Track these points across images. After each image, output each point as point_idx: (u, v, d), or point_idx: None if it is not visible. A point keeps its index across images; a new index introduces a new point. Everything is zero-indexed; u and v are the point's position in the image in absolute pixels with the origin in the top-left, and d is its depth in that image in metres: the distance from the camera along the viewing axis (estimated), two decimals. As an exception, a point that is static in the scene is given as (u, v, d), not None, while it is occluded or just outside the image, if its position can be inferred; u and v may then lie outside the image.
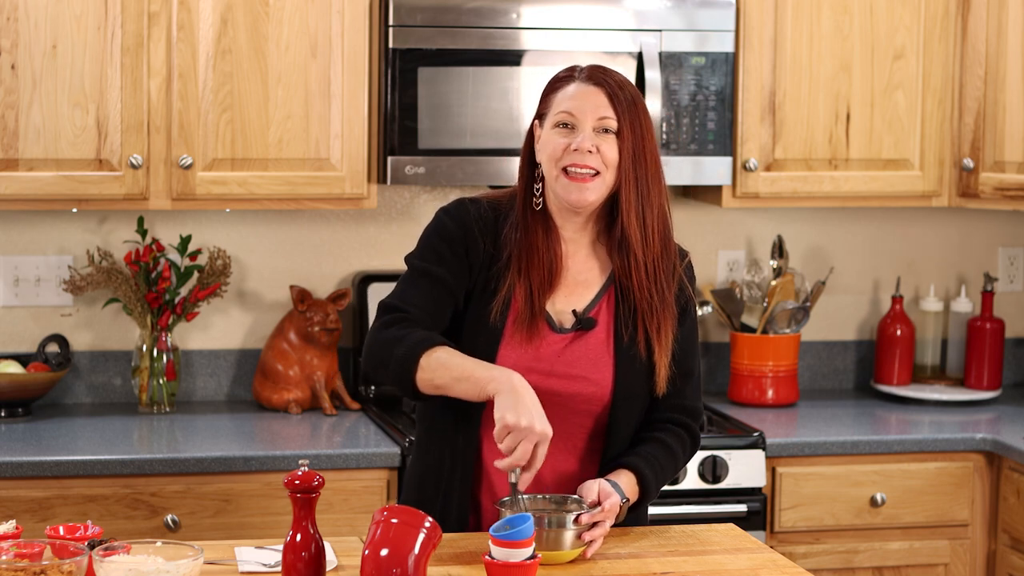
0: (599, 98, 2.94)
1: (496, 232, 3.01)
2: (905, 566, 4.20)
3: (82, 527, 2.80)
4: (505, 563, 2.67)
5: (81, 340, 4.39)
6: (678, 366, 3.05)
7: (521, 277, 2.97)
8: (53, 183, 3.98)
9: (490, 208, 3.04)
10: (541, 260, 2.98)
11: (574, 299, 3.02)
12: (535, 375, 2.95)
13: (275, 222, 4.46)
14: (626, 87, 2.97)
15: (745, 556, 2.94)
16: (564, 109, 2.95)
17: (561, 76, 3.02)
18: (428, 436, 3.08)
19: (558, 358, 2.98)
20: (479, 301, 2.99)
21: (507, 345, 2.97)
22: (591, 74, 2.97)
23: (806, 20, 4.31)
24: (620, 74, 3.00)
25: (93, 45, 3.97)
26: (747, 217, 4.70)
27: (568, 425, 3.00)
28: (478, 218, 3.01)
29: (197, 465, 3.83)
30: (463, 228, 3.00)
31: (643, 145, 2.94)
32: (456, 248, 2.99)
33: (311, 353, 4.32)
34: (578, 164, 2.92)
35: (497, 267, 2.99)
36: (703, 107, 4.24)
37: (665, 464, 3.04)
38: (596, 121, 2.93)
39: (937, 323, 4.77)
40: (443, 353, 2.90)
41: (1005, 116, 4.35)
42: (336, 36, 4.08)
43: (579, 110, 2.93)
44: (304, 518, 2.65)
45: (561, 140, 2.93)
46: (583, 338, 3.00)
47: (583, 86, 2.96)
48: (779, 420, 4.35)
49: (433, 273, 2.98)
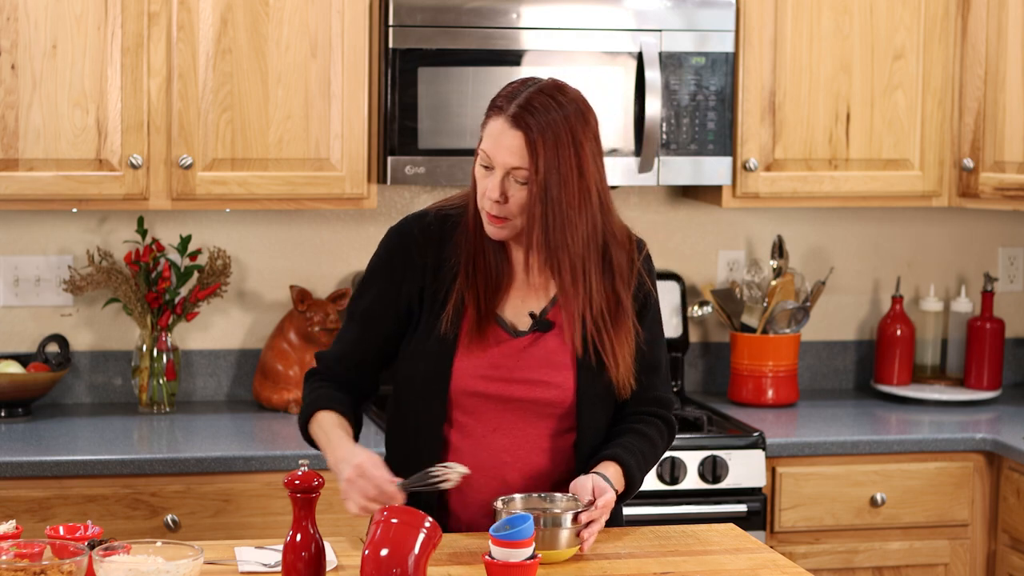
0: (516, 143, 2.85)
1: (442, 242, 3.00)
2: (905, 566, 4.20)
3: (82, 527, 2.80)
4: (505, 563, 2.67)
5: (81, 340, 4.39)
6: (644, 360, 3.04)
7: (469, 283, 2.96)
8: (53, 183, 3.98)
9: (437, 219, 3.02)
10: (488, 265, 2.97)
11: (530, 302, 3.01)
12: (495, 383, 2.95)
13: (275, 222, 4.46)
14: (553, 126, 2.85)
15: (745, 556, 2.94)
16: (483, 148, 2.90)
17: (499, 101, 2.92)
18: (392, 437, 3.10)
19: (517, 363, 2.97)
20: (430, 312, 2.99)
21: (462, 355, 2.97)
22: (517, 113, 2.86)
23: (806, 20, 4.31)
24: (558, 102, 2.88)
25: (93, 45, 3.97)
26: (747, 217, 4.70)
27: (533, 427, 2.99)
28: (420, 233, 3.01)
29: (197, 465, 3.83)
30: (400, 249, 3.02)
31: (559, 192, 2.86)
32: (387, 272, 3.02)
33: (311, 353, 4.31)
34: (487, 210, 2.90)
35: (445, 277, 2.98)
36: (703, 107, 4.24)
37: (647, 454, 3.04)
38: (508, 169, 2.87)
39: (937, 323, 4.77)
40: (320, 421, 3.01)
41: (1005, 116, 4.35)
42: (336, 36, 4.08)
43: (494, 154, 2.88)
44: (304, 518, 2.65)
45: (482, 180, 2.91)
46: (541, 340, 2.98)
47: (505, 127, 2.86)
48: (779, 420, 4.35)
49: (362, 312, 3.05)
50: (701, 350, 4.70)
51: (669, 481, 4.03)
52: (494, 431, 2.98)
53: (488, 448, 2.99)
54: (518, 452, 2.98)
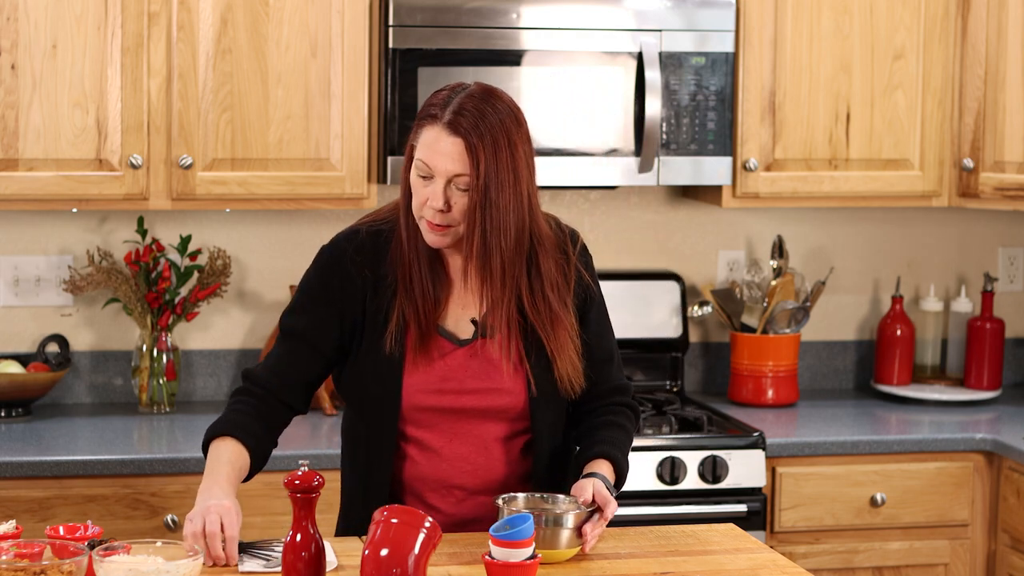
0: (455, 150, 2.85)
1: (376, 261, 2.98)
2: (905, 566, 4.20)
3: (82, 527, 2.80)
4: (505, 563, 2.67)
5: (81, 340, 4.39)
6: (596, 353, 3.04)
7: (408, 299, 2.94)
8: (53, 183, 3.98)
9: (369, 235, 3.00)
10: (424, 278, 2.95)
11: (471, 309, 2.99)
12: (447, 396, 2.95)
13: (275, 222, 4.46)
14: (490, 130, 2.85)
15: (745, 556, 2.94)
16: (420, 158, 2.88)
17: (432, 110, 2.90)
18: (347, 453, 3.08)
19: (465, 373, 2.96)
20: (372, 331, 2.97)
21: (410, 372, 2.95)
22: (454, 119, 2.85)
23: (806, 20, 4.31)
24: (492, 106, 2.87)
25: (93, 45, 3.97)
26: (747, 217, 4.70)
27: (488, 434, 2.99)
28: (355, 251, 2.99)
29: (197, 465, 3.82)
30: (336, 270, 2.99)
31: (497, 195, 2.85)
32: (325, 294, 2.99)
33: (311, 353, 4.31)
34: (429, 219, 2.88)
35: (384, 295, 2.96)
36: (703, 107, 4.24)
37: (626, 444, 3.06)
38: (449, 176, 2.86)
39: (937, 323, 4.77)
40: (216, 447, 2.95)
41: (1005, 116, 4.35)
42: (336, 36, 4.08)
43: (433, 163, 2.86)
44: (304, 518, 2.65)
45: (420, 190, 2.89)
46: (486, 347, 2.97)
47: (443, 135, 2.85)
48: (779, 420, 4.35)
49: (294, 329, 3.00)
50: (701, 350, 4.70)
51: (669, 481, 4.03)
52: (450, 442, 2.98)
53: (446, 459, 2.98)
54: (476, 460, 2.98)
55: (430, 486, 2.99)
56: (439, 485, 2.99)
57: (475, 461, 2.99)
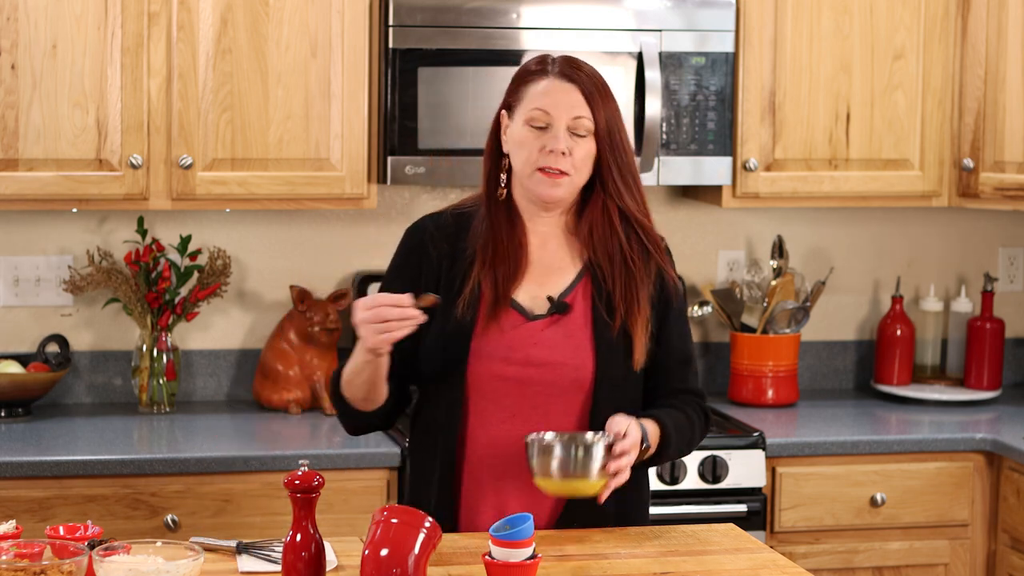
0: (574, 96, 2.93)
1: (456, 236, 3.03)
2: (905, 566, 4.20)
3: (82, 527, 2.80)
4: (505, 563, 2.67)
5: (81, 340, 4.39)
6: (676, 354, 3.06)
7: (486, 268, 2.98)
8: (53, 183, 3.98)
9: (452, 216, 3.06)
10: (505, 250, 2.99)
11: (548, 286, 3.02)
12: (512, 365, 2.96)
13: (275, 222, 4.46)
14: (598, 80, 2.97)
15: (745, 556, 2.94)
16: (538, 106, 2.93)
17: (533, 68, 2.98)
18: (415, 426, 3.11)
19: (533, 346, 2.97)
20: (446, 300, 2.99)
21: (478, 337, 2.98)
22: (564, 69, 2.95)
23: (806, 20, 4.31)
24: (589, 65, 2.99)
25: (93, 45, 3.97)
26: (747, 217, 4.70)
27: (550, 411, 2.99)
28: (434, 230, 3.04)
29: (197, 465, 3.83)
30: (414, 246, 3.05)
31: (620, 138, 2.96)
32: (404, 271, 3.04)
33: (311, 353, 4.32)
34: (551, 165, 2.92)
35: (461, 265, 3.00)
36: (703, 107, 4.24)
37: (682, 427, 3.03)
38: (570, 121, 2.92)
39: (937, 323, 4.77)
40: (342, 376, 3.02)
41: (1005, 116, 4.35)
42: (336, 36, 4.08)
43: (553, 109, 2.92)
44: (304, 518, 2.65)
45: (535, 141, 2.93)
46: (559, 324, 2.99)
47: (556, 82, 2.93)
48: (779, 420, 4.35)
49: None
50: (701, 350, 4.70)
51: (669, 481, 4.03)
52: (512, 416, 2.98)
53: (506, 434, 2.99)
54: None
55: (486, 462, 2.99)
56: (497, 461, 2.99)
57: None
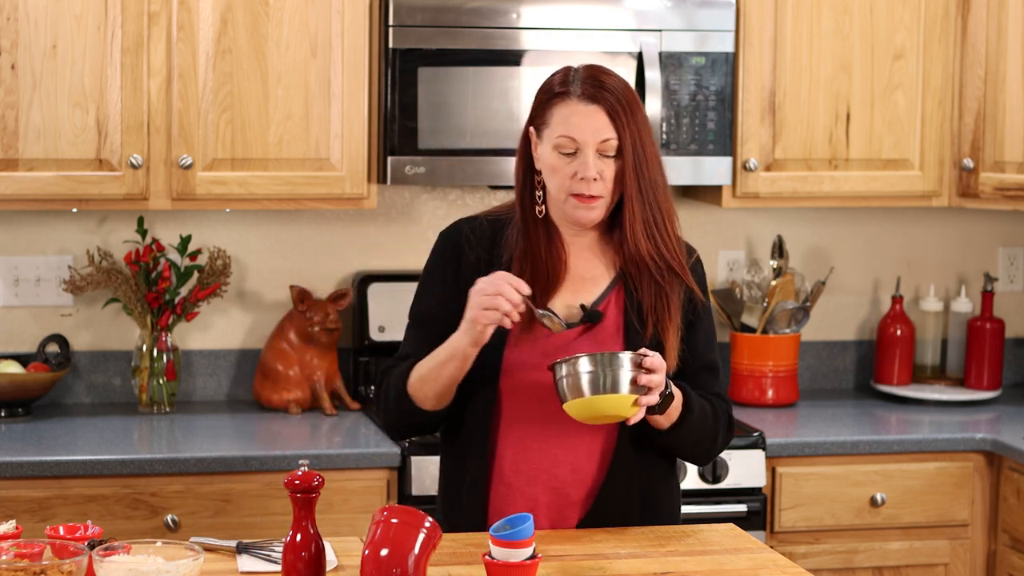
0: (599, 119, 2.92)
1: (492, 243, 3.04)
2: (905, 566, 4.20)
3: (82, 527, 2.80)
4: (505, 563, 2.67)
5: (81, 340, 4.39)
6: (702, 360, 3.07)
7: (524, 279, 2.98)
8: (53, 183, 3.98)
9: (488, 222, 3.07)
10: (544, 264, 3.00)
11: (582, 295, 3.03)
12: (545, 373, 2.96)
13: (275, 222, 4.46)
14: (622, 94, 2.95)
15: (745, 556, 2.94)
16: (563, 133, 2.93)
17: (557, 89, 2.97)
18: (446, 432, 3.11)
19: (567, 353, 2.98)
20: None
21: (512, 345, 2.99)
22: (586, 90, 2.93)
23: (806, 20, 4.31)
24: (614, 76, 2.98)
25: (93, 45, 3.97)
26: (747, 217, 4.70)
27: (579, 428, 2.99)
28: (469, 233, 3.05)
29: (197, 465, 3.83)
30: (450, 248, 3.06)
31: (644, 154, 2.95)
32: (441, 271, 3.05)
33: (311, 353, 4.32)
34: (584, 192, 2.93)
35: (495, 271, 3.00)
36: (703, 107, 4.24)
37: (704, 409, 3.02)
38: (598, 144, 2.92)
39: (937, 323, 4.77)
40: (415, 368, 3.00)
41: (1005, 116, 4.35)
42: (336, 36, 4.08)
43: (579, 135, 2.92)
44: (304, 518, 2.65)
45: (565, 168, 2.94)
46: (591, 332, 3.00)
47: (580, 105, 2.93)
48: (779, 420, 4.35)
49: (421, 314, 3.08)
50: (701, 350, 4.70)
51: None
52: (544, 424, 2.98)
53: (536, 441, 2.99)
54: (565, 447, 2.99)
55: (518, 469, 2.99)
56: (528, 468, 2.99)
57: (564, 447, 2.98)
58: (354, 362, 4.44)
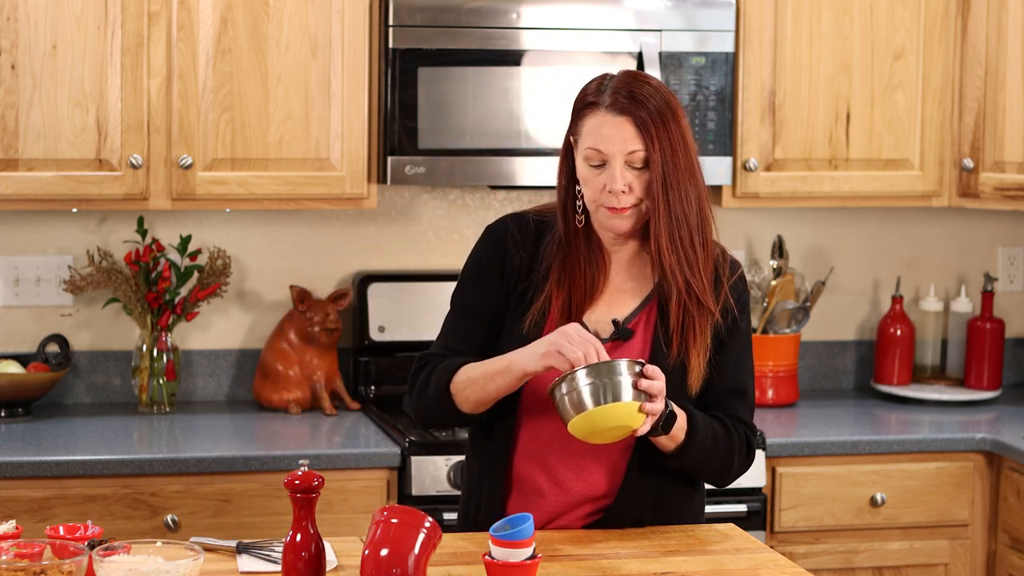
0: (626, 130, 2.88)
1: (536, 244, 3.02)
2: (905, 566, 4.20)
3: (82, 527, 2.80)
4: (505, 563, 2.66)
5: (81, 340, 4.39)
6: (730, 382, 3.03)
7: (561, 289, 2.96)
8: (53, 183, 3.98)
9: (535, 222, 3.05)
10: (583, 275, 2.98)
11: (615, 309, 3.00)
12: None
13: (275, 222, 4.46)
14: (655, 105, 2.89)
15: (745, 556, 2.94)
16: (591, 146, 2.90)
17: (589, 98, 2.93)
18: (472, 436, 3.11)
19: None
20: (515, 311, 2.99)
21: None
22: (616, 101, 2.89)
23: (806, 20, 4.31)
24: (649, 86, 2.91)
25: (93, 45, 3.97)
26: (747, 217, 4.70)
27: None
28: (516, 231, 3.03)
29: (197, 465, 3.83)
30: (496, 244, 3.04)
31: (674, 166, 2.89)
32: (487, 265, 3.03)
33: (311, 353, 4.32)
34: (613, 205, 2.91)
35: (534, 278, 2.99)
36: (703, 107, 4.24)
37: (713, 429, 2.98)
38: (625, 156, 2.89)
39: (937, 323, 4.77)
40: (463, 370, 2.96)
41: (1005, 116, 4.35)
42: (336, 36, 4.08)
43: (606, 147, 2.89)
44: (304, 518, 2.65)
45: (596, 180, 2.91)
46: (619, 349, 2.98)
47: (608, 117, 2.89)
48: (779, 420, 4.35)
49: (464, 305, 3.05)
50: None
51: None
52: (564, 436, 2.93)
53: (555, 453, 2.99)
54: (582, 463, 2.98)
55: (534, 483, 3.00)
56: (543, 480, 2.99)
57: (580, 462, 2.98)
58: (354, 362, 4.44)
